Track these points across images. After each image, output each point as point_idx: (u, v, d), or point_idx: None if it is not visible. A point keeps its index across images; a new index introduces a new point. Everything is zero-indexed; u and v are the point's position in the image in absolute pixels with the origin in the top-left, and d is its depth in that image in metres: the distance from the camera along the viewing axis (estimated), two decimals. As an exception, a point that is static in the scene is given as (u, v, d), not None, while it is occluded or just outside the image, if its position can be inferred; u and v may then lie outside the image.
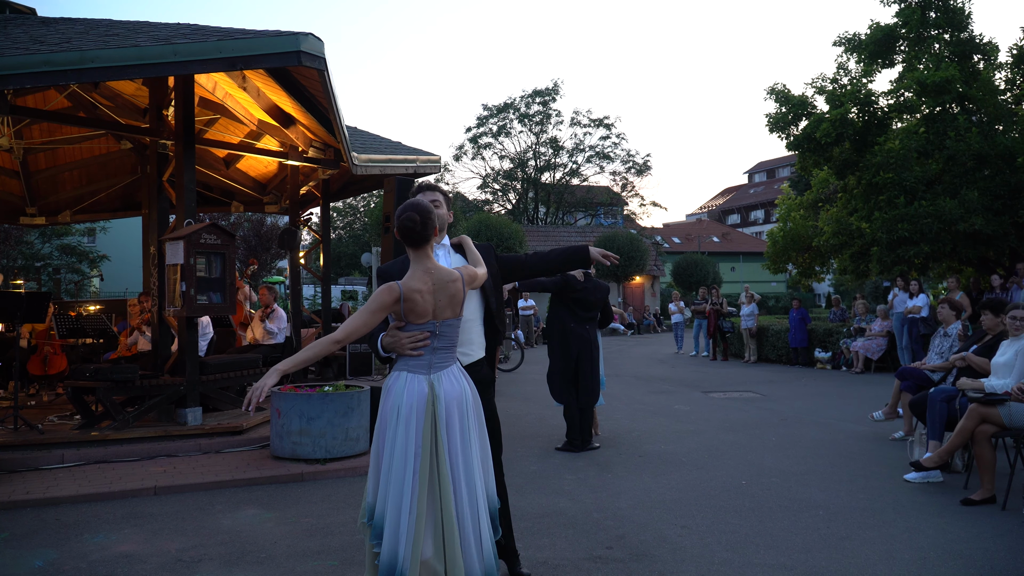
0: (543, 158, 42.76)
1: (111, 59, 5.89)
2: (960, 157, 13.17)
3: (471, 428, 3.01)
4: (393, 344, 2.98)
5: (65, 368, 8.94)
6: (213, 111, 9.20)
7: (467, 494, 2.94)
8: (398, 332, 2.97)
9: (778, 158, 63.80)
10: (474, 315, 3.39)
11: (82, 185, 11.95)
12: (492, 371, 3.58)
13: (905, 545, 4.27)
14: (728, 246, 52.61)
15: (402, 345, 2.96)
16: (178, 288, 7.01)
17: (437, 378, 2.96)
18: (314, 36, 6.31)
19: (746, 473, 5.96)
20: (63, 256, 29.39)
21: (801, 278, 18.98)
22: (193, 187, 7.46)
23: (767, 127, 15.18)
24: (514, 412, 9.19)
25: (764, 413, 9.07)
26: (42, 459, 6.09)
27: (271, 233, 31.38)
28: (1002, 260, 13.99)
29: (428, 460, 2.88)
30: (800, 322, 14.98)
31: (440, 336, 2.99)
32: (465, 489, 2.94)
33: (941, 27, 14.21)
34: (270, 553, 4.21)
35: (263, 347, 8.91)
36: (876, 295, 25.78)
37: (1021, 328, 5.50)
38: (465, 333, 3.29)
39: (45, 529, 4.64)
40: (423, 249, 3.00)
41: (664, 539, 4.40)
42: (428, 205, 3.02)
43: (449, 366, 3.03)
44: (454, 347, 3.09)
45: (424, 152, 10.03)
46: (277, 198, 11.58)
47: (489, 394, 3.48)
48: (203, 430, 6.94)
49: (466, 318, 3.26)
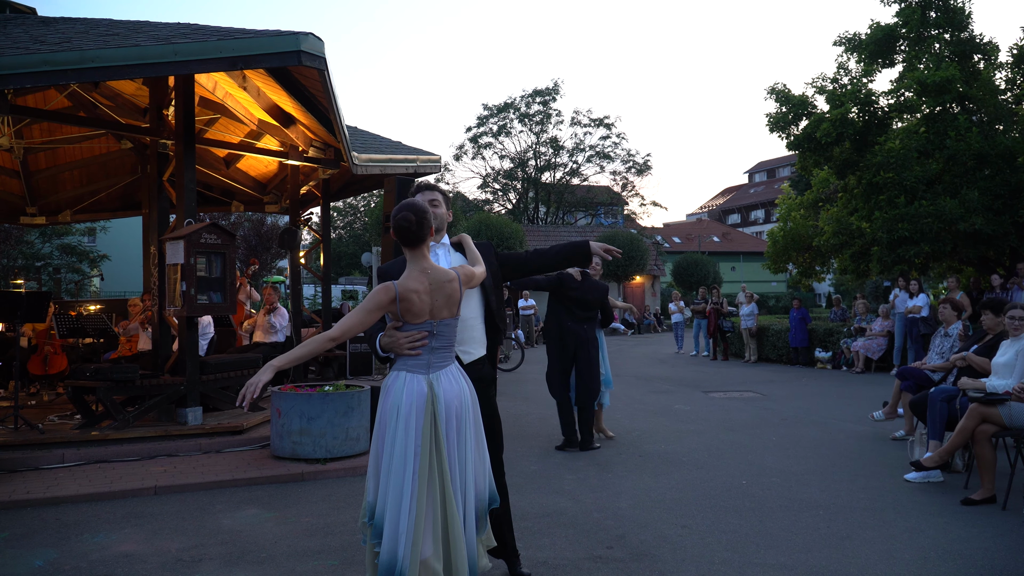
0: (543, 158, 42.75)
1: (111, 59, 5.88)
2: (960, 157, 13.17)
3: (468, 428, 3.02)
4: (391, 344, 2.99)
5: (65, 368, 8.94)
6: (213, 111, 9.20)
7: (463, 494, 2.96)
8: (396, 332, 2.98)
9: (778, 158, 63.81)
10: (475, 313, 3.39)
11: (82, 185, 11.95)
12: (493, 369, 3.58)
13: (905, 545, 4.27)
14: (728, 246, 52.61)
15: (400, 345, 2.96)
16: (178, 288, 7.01)
17: (436, 378, 2.97)
18: (314, 36, 6.31)
19: (746, 473, 5.96)
20: (63, 256, 29.39)
21: (801, 278, 18.96)
22: (193, 187, 7.46)
23: (767, 127, 15.19)
24: (515, 412, 9.19)
25: (764, 413, 9.07)
26: (42, 459, 6.09)
27: (271, 233, 31.39)
28: (1002, 260, 13.98)
29: (427, 459, 2.88)
30: (800, 322, 14.98)
31: (438, 336, 3.00)
32: (462, 489, 2.96)
33: (941, 27, 14.20)
34: (270, 553, 4.22)
35: (263, 346, 8.92)
36: (876, 295, 25.79)
37: (1020, 328, 5.49)
38: (466, 332, 3.31)
39: (45, 529, 4.64)
40: (419, 249, 3.00)
41: (664, 539, 4.40)
42: (424, 205, 3.02)
43: (448, 366, 3.04)
44: (452, 347, 3.08)
45: (424, 152, 10.03)
46: (277, 198, 11.58)
47: (490, 393, 3.49)
48: (203, 430, 6.94)
49: (466, 317, 3.28)
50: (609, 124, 42.75)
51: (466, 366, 3.26)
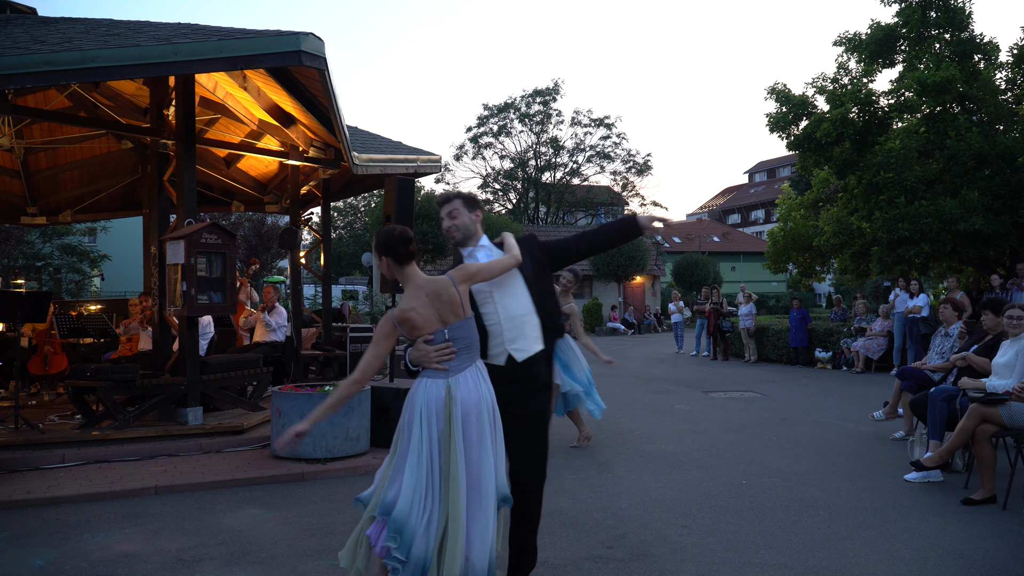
0: (543, 158, 42.80)
1: (112, 59, 5.89)
2: (960, 157, 13.17)
3: (486, 431, 3.08)
4: (420, 358, 3.11)
5: (66, 368, 8.94)
6: (214, 111, 9.20)
7: (478, 495, 3.02)
8: (424, 346, 3.10)
9: (778, 158, 63.80)
10: (524, 309, 3.35)
11: (83, 185, 11.94)
12: (549, 370, 3.45)
13: (905, 545, 4.28)
14: (728, 246, 52.59)
15: (429, 359, 3.08)
16: (179, 288, 7.01)
17: (455, 381, 3.06)
18: (315, 36, 6.31)
19: (746, 473, 5.96)
20: (64, 256, 29.42)
21: (801, 278, 18.98)
22: (194, 187, 7.46)
23: (767, 127, 15.19)
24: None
25: (764, 413, 9.07)
26: (43, 459, 6.09)
27: (272, 233, 31.43)
28: (1002, 260, 13.99)
29: (444, 458, 3.00)
30: (800, 322, 14.97)
31: (454, 340, 3.10)
32: (476, 490, 3.02)
33: (941, 27, 14.21)
34: (271, 553, 4.22)
35: (263, 346, 8.92)
36: (877, 295, 25.79)
37: (1018, 328, 5.50)
38: (516, 328, 3.31)
39: (46, 528, 4.65)
40: (409, 266, 3.15)
41: (664, 539, 4.40)
42: (402, 229, 3.18)
43: (468, 367, 3.11)
44: (473, 346, 3.15)
45: (425, 152, 10.03)
46: (278, 198, 11.58)
47: (544, 397, 3.41)
48: (204, 430, 6.94)
49: (515, 313, 3.32)
50: (609, 124, 42.82)
51: (519, 364, 3.27)
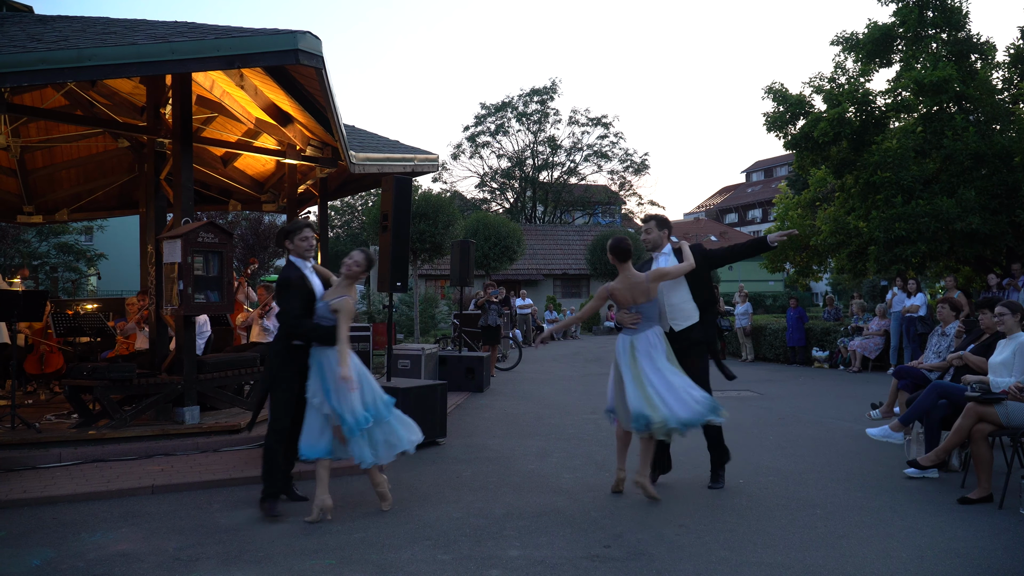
0: (541, 157, 42.79)
1: (108, 57, 5.87)
2: (957, 156, 13.18)
3: (657, 358, 5.13)
4: (621, 319, 5.29)
5: (62, 367, 8.92)
6: (211, 109, 9.18)
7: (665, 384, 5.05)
8: (624, 314, 5.26)
9: (776, 157, 63.89)
10: (681, 298, 5.38)
11: (79, 183, 11.91)
12: (704, 334, 5.42)
13: (902, 544, 4.29)
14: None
15: (624, 321, 5.27)
16: (176, 287, 7.00)
17: (635, 336, 5.20)
18: (312, 35, 6.30)
19: (744, 472, 5.96)
20: (60, 255, 29.33)
21: (799, 277, 18.98)
22: (191, 185, 7.45)
23: (765, 126, 15.18)
24: (512, 411, 9.20)
25: (762, 412, 9.08)
26: (39, 458, 6.07)
27: (269, 232, 31.38)
28: (999, 259, 14.00)
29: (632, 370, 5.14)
30: (798, 321, 14.99)
31: (640, 312, 5.21)
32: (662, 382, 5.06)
33: (939, 26, 14.21)
34: (268, 552, 4.21)
35: (261, 346, 8.89)
36: (874, 294, 25.81)
37: (1001, 324, 5.51)
38: (675, 311, 5.37)
39: (43, 528, 4.64)
40: (625, 263, 5.24)
41: (662, 538, 4.40)
42: (625, 240, 5.28)
43: (647, 329, 5.19)
44: (652, 319, 5.22)
45: (422, 151, 10.03)
46: (275, 197, 11.55)
47: (700, 350, 5.42)
48: (201, 429, 6.93)
49: (674, 302, 5.36)
50: (607, 123, 42.83)
51: (679, 332, 5.34)
